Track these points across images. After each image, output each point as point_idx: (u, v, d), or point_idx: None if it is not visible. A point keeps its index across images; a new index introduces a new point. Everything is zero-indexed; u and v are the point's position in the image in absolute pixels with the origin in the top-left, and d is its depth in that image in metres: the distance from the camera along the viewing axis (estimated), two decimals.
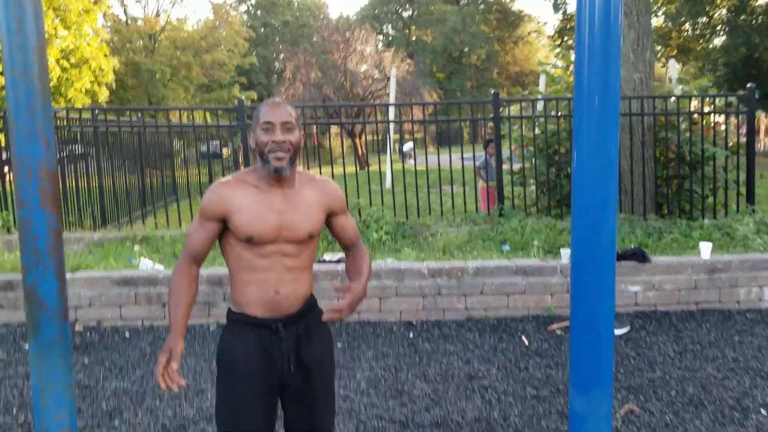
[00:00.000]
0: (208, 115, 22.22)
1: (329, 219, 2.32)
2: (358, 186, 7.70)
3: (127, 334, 5.02)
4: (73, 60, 22.47)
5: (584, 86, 1.98)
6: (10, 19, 1.96)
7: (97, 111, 8.36)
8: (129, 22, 37.03)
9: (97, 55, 23.80)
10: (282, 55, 33.58)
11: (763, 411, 3.56)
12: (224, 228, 2.18)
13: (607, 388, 2.14)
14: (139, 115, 9.17)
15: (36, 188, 2.01)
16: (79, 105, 22.86)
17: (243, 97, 7.57)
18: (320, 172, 7.99)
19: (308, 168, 8.48)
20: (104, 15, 32.67)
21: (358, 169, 17.45)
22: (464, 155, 10.63)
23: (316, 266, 5.23)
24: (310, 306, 2.28)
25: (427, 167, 7.74)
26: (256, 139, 2.15)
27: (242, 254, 2.15)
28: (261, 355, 2.17)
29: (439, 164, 7.58)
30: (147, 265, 5.43)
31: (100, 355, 4.60)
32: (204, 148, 12.10)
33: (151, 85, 33.69)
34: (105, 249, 6.38)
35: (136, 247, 6.08)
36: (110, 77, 25.25)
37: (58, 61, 21.39)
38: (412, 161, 12.00)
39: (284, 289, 2.17)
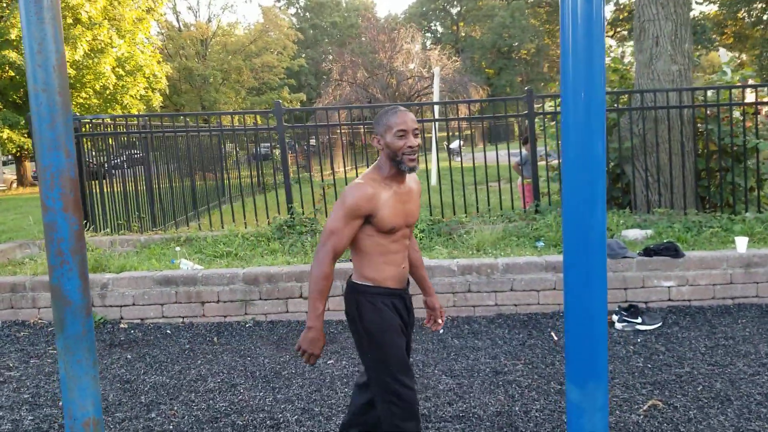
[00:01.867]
0: (258, 118, 22.77)
1: None
2: None
3: (168, 331, 5.25)
4: (127, 67, 23.28)
5: (569, 85, 2.02)
6: (33, 40, 2.14)
7: (147, 117, 8.71)
8: (182, 28, 38.03)
9: (150, 62, 24.61)
10: (330, 56, 33.91)
11: None
12: (365, 221, 2.58)
13: (602, 380, 2.18)
14: (187, 119, 9.51)
15: (58, 195, 2.18)
16: (134, 111, 23.71)
17: (280, 101, 7.74)
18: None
19: (356, 167, 8.66)
20: (157, 23, 33.68)
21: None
22: (512, 152, 10.61)
23: (347, 265, 5.38)
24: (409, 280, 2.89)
25: (474, 164, 7.77)
26: (388, 143, 2.55)
27: (380, 241, 2.60)
28: (400, 316, 2.72)
29: (485, 161, 7.62)
30: (187, 266, 5.65)
31: (142, 351, 4.84)
32: (257, 151, 12.42)
33: (204, 89, 34.57)
34: (150, 250, 6.66)
35: (177, 248, 6.33)
36: (163, 83, 26.06)
37: (113, 69, 22.21)
38: (459, 159, 12.05)
39: (405, 265, 2.74)
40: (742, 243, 5.18)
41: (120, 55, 22.75)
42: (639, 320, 4.79)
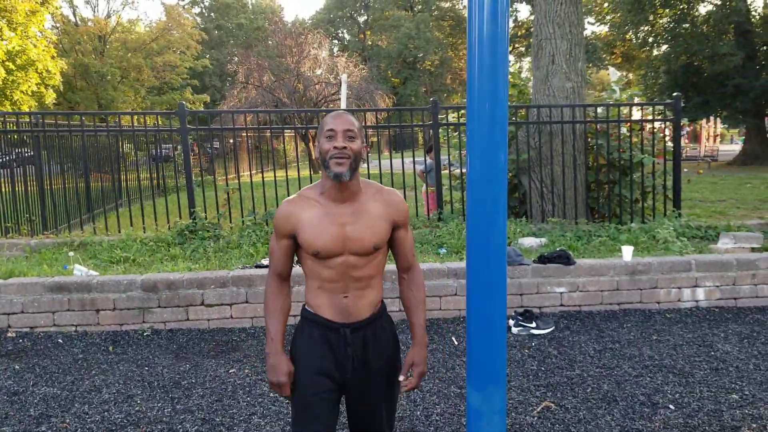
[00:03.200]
0: (160, 119, 22.02)
1: (392, 231, 2.37)
2: None
3: (60, 340, 5.01)
4: (18, 62, 21.96)
5: (475, 98, 2.10)
6: None
7: (40, 116, 8.26)
8: (78, 23, 36.29)
9: (43, 57, 23.32)
10: (235, 58, 33.34)
11: (671, 406, 3.76)
12: (296, 243, 2.31)
13: (500, 384, 2.27)
14: (83, 119, 9.08)
15: None
16: (24, 108, 22.36)
17: (184, 102, 7.56)
18: (275, 176, 8.03)
19: (262, 172, 8.52)
20: (52, 16, 31.98)
21: (312, 172, 17.53)
22: (416, 159, 10.82)
23: (253, 271, 5.32)
24: (380, 312, 2.39)
25: (380, 171, 7.88)
26: (320, 147, 2.24)
27: (313, 266, 2.29)
28: (329, 354, 2.31)
29: (391, 168, 7.74)
30: (81, 271, 5.41)
31: (31, 361, 4.58)
32: (158, 152, 12.01)
33: (101, 87, 33.09)
34: (41, 255, 6.33)
35: (71, 253, 6.05)
36: (57, 79, 24.76)
37: (3, 63, 20.89)
38: (364, 165, 12.18)
39: (352, 297, 2.30)
40: (627, 252, 5.53)
41: (10, 48, 21.43)
42: (533, 325, 5.01)
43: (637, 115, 8.07)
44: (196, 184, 8.28)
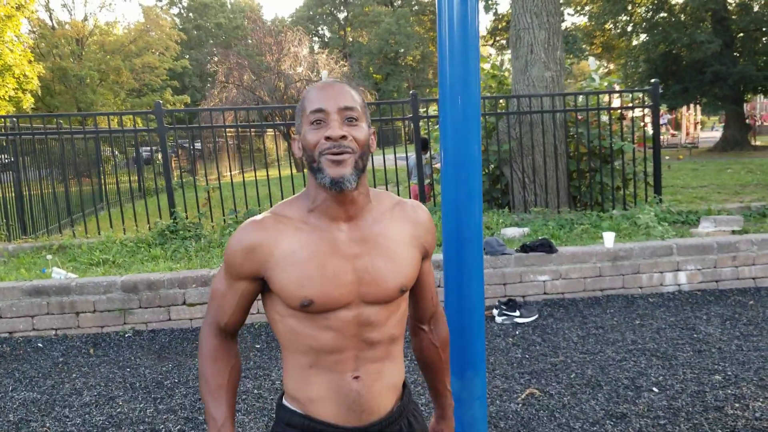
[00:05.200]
0: (139, 120, 21.85)
1: None
2: (294, 189, 7.75)
3: (39, 345, 4.94)
4: None
5: (446, 86, 2.09)
6: None
7: (16, 119, 8.15)
8: (55, 26, 35.92)
9: (20, 62, 23.07)
10: (215, 58, 33.16)
11: (655, 389, 3.77)
12: (265, 287, 1.48)
13: (480, 370, 2.26)
14: (60, 121, 8.98)
15: None
16: (2, 113, 22.09)
17: (161, 101, 7.49)
18: (255, 176, 7.96)
19: (242, 172, 8.46)
20: (29, 20, 31.62)
21: (294, 171, 17.46)
22: (398, 155, 10.80)
23: None
24: (406, 400, 1.58)
25: (371, 167, 7.84)
26: (302, 141, 1.42)
27: (297, 328, 1.43)
28: None
29: (373, 164, 7.70)
30: (60, 274, 5.34)
31: (10, 367, 4.52)
32: (138, 155, 11.90)
33: (80, 90, 32.78)
34: (19, 259, 6.25)
35: (49, 256, 5.97)
36: (35, 84, 24.49)
37: None
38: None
39: (366, 379, 1.45)
40: (609, 238, 5.54)
41: None
42: (517, 313, 5.01)
43: (616, 102, 8.09)
44: (176, 185, 8.21)
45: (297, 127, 1.47)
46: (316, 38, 51.20)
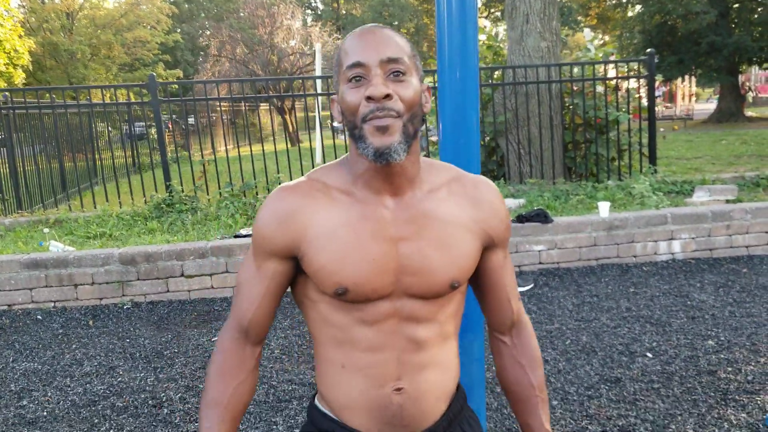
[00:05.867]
0: (132, 94, 21.70)
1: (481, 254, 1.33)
2: (289, 162, 7.75)
3: (39, 317, 4.97)
4: None
5: (445, 57, 2.09)
6: None
7: (8, 93, 8.09)
8: (45, 1, 35.45)
9: (11, 37, 22.82)
10: (207, 32, 32.83)
11: (648, 354, 3.83)
12: (297, 270, 1.27)
13: (478, 334, 2.30)
14: (53, 95, 8.91)
15: None
16: None
17: (154, 74, 7.44)
18: (251, 151, 7.88)
19: (238, 146, 8.39)
20: None
21: (289, 146, 17.39)
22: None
23: (232, 241, 5.29)
24: (459, 409, 1.34)
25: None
26: (341, 104, 1.20)
27: (331, 317, 1.24)
28: None
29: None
30: (57, 247, 5.36)
31: (10, 338, 4.55)
32: (131, 129, 11.83)
33: (71, 65, 32.48)
34: (16, 233, 6.25)
35: (46, 230, 5.98)
36: (26, 59, 24.26)
37: None
38: (343, 137, 12.09)
39: (411, 388, 1.23)
40: (604, 207, 5.57)
41: None
42: None
43: (612, 73, 8.07)
44: (171, 160, 8.19)
45: (334, 85, 1.24)
46: (309, 11, 50.68)
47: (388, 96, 1.12)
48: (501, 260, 1.36)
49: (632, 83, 8.24)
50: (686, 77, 25.45)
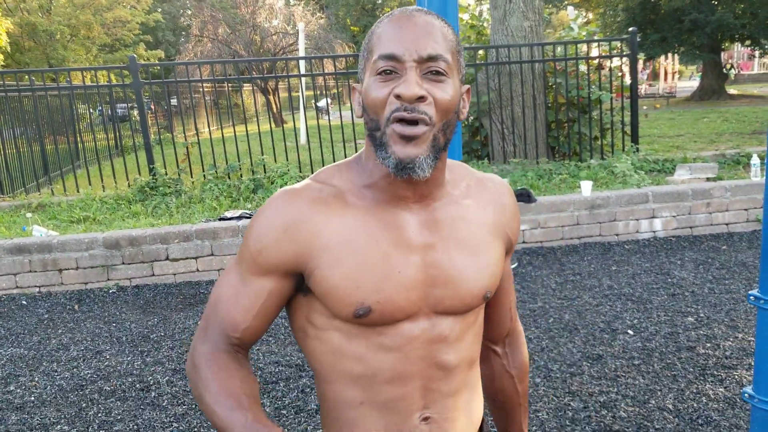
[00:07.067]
0: (113, 76, 21.41)
1: None
2: (273, 143, 7.73)
3: (23, 302, 4.96)
4: None
5: None
6: None
7: None
8: None
9: None
10: (188, 11, 32.44)
11: (630, 331, 3.90)
12: (296, 290, 1.09)
13: None
14: (32, 77, 8.80)
15: None
16: None
17: (135, 55, 7.36)
18: (234, 132, 7.88)
19: (221, 128, 8.27)
20: None
21: (273, 126, 17.27)
22: None
23: (217, 224, 5.29)
24: None
25: (341, 122, 7.81)
26: (364, 96, 1.03)
27: (345, 347, 1.06)
28: None
29: (353, 119, 7.68)
30: (40, 232, 5.33)
31: None
32: (113, 111, 11.70)
33: (50, 46, 31.97)
34: None
35: (29, 215, 5.94)
36: (3, 40, 23.86)
37: None
38: (327, 117, 12.04)
39: (441, 420, 1.10)
40: (586, 186, 5.63)
41: None
42: None
43: (595, 52, 8.10)
44: (154, 142, 8.12)
45: (359, 73, 1.07)
46: None
47: (421, 98, 0.96)
48: (508, 267, 1.26)
49: (615, 62, 8.27)
50: (669, 55, 25.52)
